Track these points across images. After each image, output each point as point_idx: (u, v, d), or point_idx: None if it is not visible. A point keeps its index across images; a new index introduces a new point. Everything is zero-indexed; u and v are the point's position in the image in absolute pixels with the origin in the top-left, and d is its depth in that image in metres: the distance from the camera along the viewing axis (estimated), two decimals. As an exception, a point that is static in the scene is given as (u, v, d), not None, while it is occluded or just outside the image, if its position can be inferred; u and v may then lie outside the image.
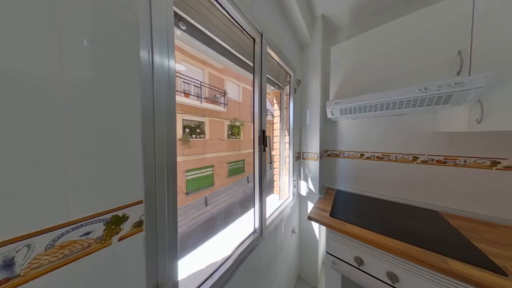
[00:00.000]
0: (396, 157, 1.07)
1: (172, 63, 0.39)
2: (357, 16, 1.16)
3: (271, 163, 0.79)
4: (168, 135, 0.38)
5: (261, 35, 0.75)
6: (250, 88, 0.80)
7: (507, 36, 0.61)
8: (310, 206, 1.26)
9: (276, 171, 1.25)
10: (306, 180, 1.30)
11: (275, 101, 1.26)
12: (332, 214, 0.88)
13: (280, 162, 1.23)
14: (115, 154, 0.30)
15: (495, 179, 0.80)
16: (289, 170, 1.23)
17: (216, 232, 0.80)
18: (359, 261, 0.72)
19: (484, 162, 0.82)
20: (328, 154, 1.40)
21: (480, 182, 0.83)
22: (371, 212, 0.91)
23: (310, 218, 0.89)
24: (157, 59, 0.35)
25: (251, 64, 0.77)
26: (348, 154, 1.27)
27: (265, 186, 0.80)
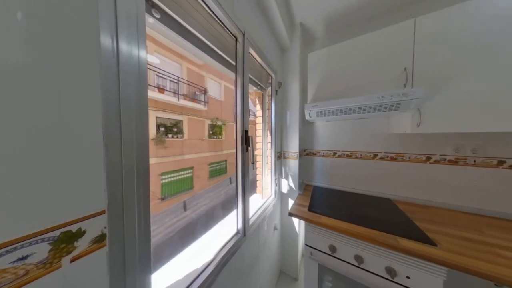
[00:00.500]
0: (361, 155, 1.23)
1: (143, 54, 0.34)
2: (329, 28, 1.29)
3: (253, 163, 0.79)
4: (138, 135, 0.34)
5: (243, 35, 0.74)
6: (232, 87, 0.79)
7: (436, 58, 0.79)
8: (291, 202, 1.33)
9: (258, 170, 1.27)
10: (287, 178, 1.37)
11: (257, 102, 1.28)
12: (310, 209, 0.95)
13: (262, 161, 1.25)
14: (64, 158, 0.25)
15: (429, 170, 1.02)
16: (271, 169, 1.26)
17: (197, 238, 0.76)
18: (333, 248, 0.80)
19: (421, 158, 1.03)
20: (306, 153, 1.50)
21: (419, 174, 1.04)
22: (342, 204, 1.02)
23: (290, 214, 0.93)
24: (124, 47, 0.31)
25: (233, 63, 0.76)
26: (323, 153, 1.40)
27: (248, 186, 0.80)
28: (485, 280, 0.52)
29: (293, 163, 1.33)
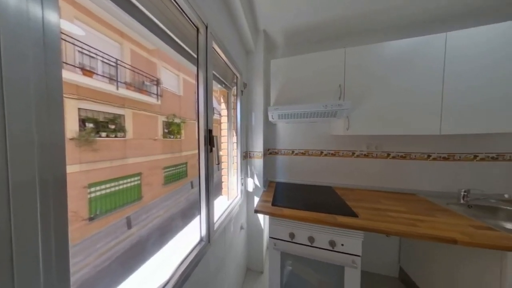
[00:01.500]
0: (312, 152, 1.48)
1: (53, 16, 0.24)
2: (287, 41, 1.46)
3: (218, 164, 0.76)
4: (45, 132, 0.23)
5: (206, 27, 0.69)
6: (193, 81, 0.71)
7: (357, 81, 1.08)
8: (256, 200, 1.39)
9: (224, 171, 1.23)
10: (252, 177, 1.41)
11: (222, 100, 1.23)
12: (273, 203, 1.03)
13: (228, 162, 1.22)
14: None
15: (354, 162, 1.38)
16: (237, 169, 1.26)
17: (148, 258, 0.62)
18: (292, 235, 0.91)
19: (349, 153, 1.39)
20: (270, 152, 1.62)
21: (348, 165, 1.39)
22: (298, 195, 1.19)
23: (256, 211, 0.97)
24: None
25: (195, 55, 0.69)
26: (284, 152, 1.56)
27: (213, 189, 0.76)
28: (380, 234, 0.77)
29: (258, 162, 1.39)
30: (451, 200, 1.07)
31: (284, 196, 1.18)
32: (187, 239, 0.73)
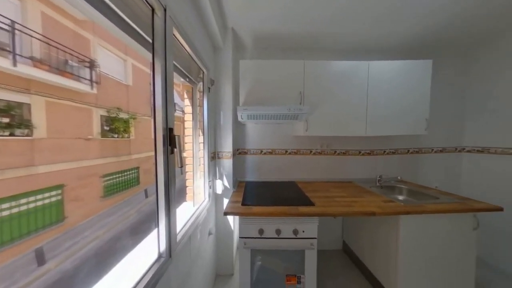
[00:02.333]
0: (278, 152, 1.61)
1: None
2: (256, 44, 1.51)
3: (182, 166, 0.68)
4: None
5: (165, 10, 0.60)
6: (146, 69, 0.60)
7: (313, 90, 1.27)
8: (226, 201, 1.35)
9: (189, 175, 1.11)
10: (221, 178, 1.36)
11: (186, 96, 1.11)
12: (243, 203, 1.04)
13: (194, 164, 1.11)
14: None
15: (311, 159, 1.61)
16: (204, 171, 1.17)
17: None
18: (261, 231, 0.95)
19: (308, 151, 1.61)
20: (239, 152, 1.61)
21: (307, 162, 1.61)
22: (267, 192, 1.26)
23: (226, 213, 0.94)
24: None
25: (149, 40, 0.58)
26: (253, 151, 1.61)
27: (175, 195, 0.66)
28: (330, 217, 0.95)
29: (227, 163, 1.35)
30: (372, 184, 1.46)
31: (253, 195, 1.21)
32: (140, 259, 0.60)
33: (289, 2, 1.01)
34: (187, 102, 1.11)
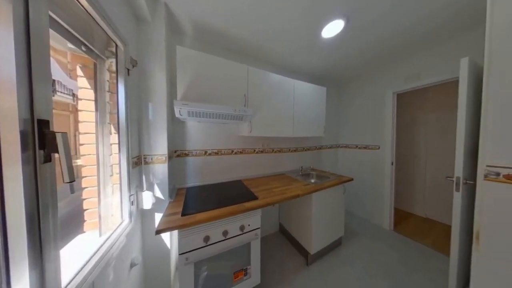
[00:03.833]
0: (224, 152, 1.58)
1: None
2: (198, 35, 1.36)
3: (72, 181, 0.43)
4: None
5: None
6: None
7: (256, 94, 1.40)
8: (159, 217, 1.09)
9: (90, 192, 0.75)
10: (151, 189, 1.07)
11: (81, 73, 0.73)
12: (184, 213, 0.90)
13: (100, 175, 0.77)
14: None
15: (255, 158, 1.77)
16: (120, 183, 0.85)
17: None
18: (207, 238, 0.88)
19: (252, 150, 1.75)
20: (177, 155, 1.37)
21: (252, 160, 1.75)
22: (212, 195, 1.19)
23: (159, 232, 0.76)
24: None
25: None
26: (196, 153, 1.44)
27: (56, 230, 0.41)
28: (271, 207, 1.11)
29: (160, 168, 1.09)
30: (297, 174, 1.92)
31: (196, 201, 1.09)
32: None
33: (232, 6, 1.04)
34: (83, 82, 0.74)
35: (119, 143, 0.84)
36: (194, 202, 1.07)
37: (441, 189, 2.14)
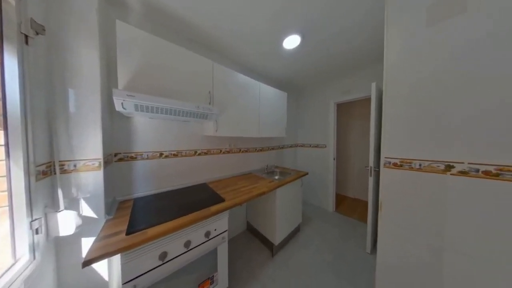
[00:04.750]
0: (186, 153, 1.41)
1: None
2: (146, 11, 1.14)
3: None
4: None
5: None
6: None
7: (222, 93, 1.34)
8: (88, 243, 0.81)
9: None
10: (75, 206, 0.78)
11: None
12: (129, 231, 0.72)
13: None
14: None
15: (220, 159, 1.70)
16: (11, 205, 0.57)
17: None
18: (164, 255, 0.75)
19: (217, 151, 1.67)
20: (119, 158, 1.08)
21: (218, 161, 1.67)
22: (171, 203, 1.03)
23: (87, 263, 0.56)
24: None
25: None
26: (148, 155, 1.20)
27: None
28: (239, 207, 1.10)
29: (91, 178, 0.82)
30: (263, 172, 2.02)
31: (148, 213, 0.90)
32: None
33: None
34: None
35: (6, 145, 0.56)
36: (144, 215, 0.88)
37: (363, 176, 2.95)
